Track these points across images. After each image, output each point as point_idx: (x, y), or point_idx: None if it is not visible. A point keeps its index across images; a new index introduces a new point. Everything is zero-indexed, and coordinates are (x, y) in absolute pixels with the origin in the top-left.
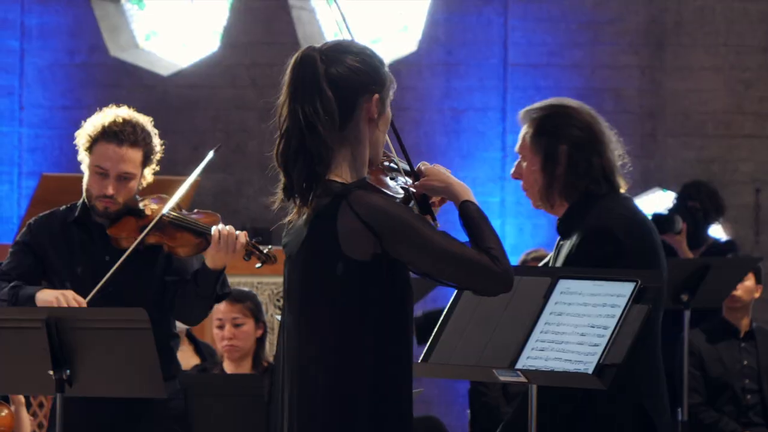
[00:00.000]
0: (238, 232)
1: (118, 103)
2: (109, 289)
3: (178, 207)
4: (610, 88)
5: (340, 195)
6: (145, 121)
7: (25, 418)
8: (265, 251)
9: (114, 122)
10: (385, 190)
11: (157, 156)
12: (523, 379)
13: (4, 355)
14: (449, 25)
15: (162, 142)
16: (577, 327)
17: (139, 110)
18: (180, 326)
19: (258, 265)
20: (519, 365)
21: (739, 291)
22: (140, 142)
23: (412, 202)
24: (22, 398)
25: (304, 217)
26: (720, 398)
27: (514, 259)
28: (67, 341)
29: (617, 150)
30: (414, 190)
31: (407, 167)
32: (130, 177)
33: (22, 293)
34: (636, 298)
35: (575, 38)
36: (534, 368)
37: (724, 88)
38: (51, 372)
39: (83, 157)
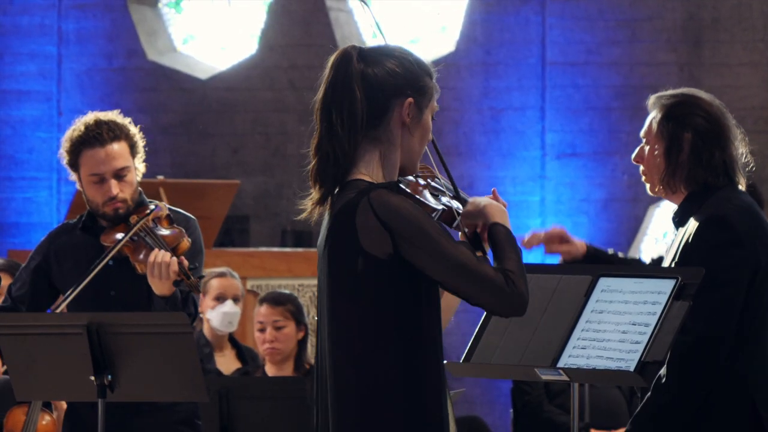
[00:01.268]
0: (172, 259)
1: (157, 107)
2: (111, 293)
3: (168, 221)
4: (649, 85)
5: (364, 192)
6: (115, 114)
7: None
8: (192, 279)
9: (87, 128)
10: (420, 198)
11: (141, 144)
12: (565, 377)
13: (46, 361)
14: (487, 24)
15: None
16: (619, 325)
17: (178, 114)
18: (223, 330)
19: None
20: (561, 364)
21: None
22: (121, 135)
23: (456, 222)
24: (64, 404)
25: (329, 213)
26: None
27: (555, 258)
28: (108, 346)
29: (741, 148)
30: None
31: (453, 191)
32: (126, 171)
33: None
34: (677, 295)
35: (613, 36)
36: (576, 366)
37: (763, 84)
38: (92, 378)
39: (73, 176)
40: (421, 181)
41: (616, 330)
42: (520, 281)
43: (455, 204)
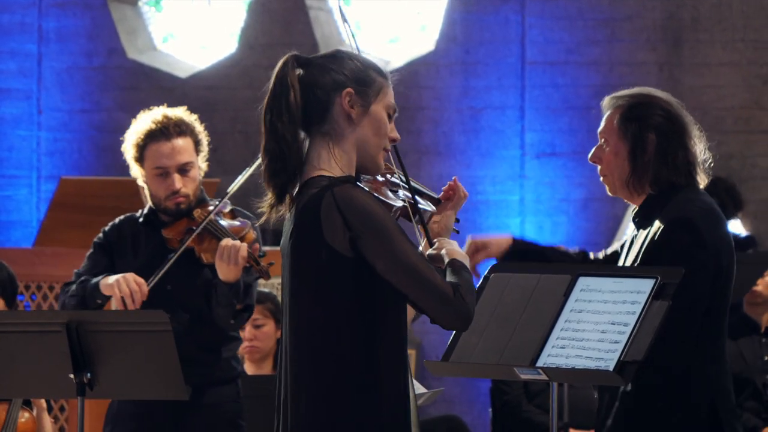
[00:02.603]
0: (242, 244)
1: (137, 106)
2: (167, 287)
3: (231, 214)
4: (628, 84)
5: (327, 186)
6: (182, 111)
7: (47, 422)
8: (262, 265)
9: (154, 122)
10: (381, 197)
11: (206, 142)
12: (544, 377)
13: (26, 359)
14: (467, 24)
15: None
16: (598, 324)
17: None
18: None
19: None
20: (540, 363)
21: (760, 286)
22: (186, 131)
23: (416, 218)
24: (43, 402)
25: (293, 211)
26: (741, 394)
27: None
28: (88, 344)
29: (700, 144)
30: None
31: (428, 195)
32: (190, 167)
33: (89, 285)
34: (656, 295)
35: (593, 35)
36: (555, 366)
37: (742, 84)
38: (72, 375)
39: (137, 170)
40: (380, 178)
41: (596, 329)
42: (468, 295)
43: (415, 198)
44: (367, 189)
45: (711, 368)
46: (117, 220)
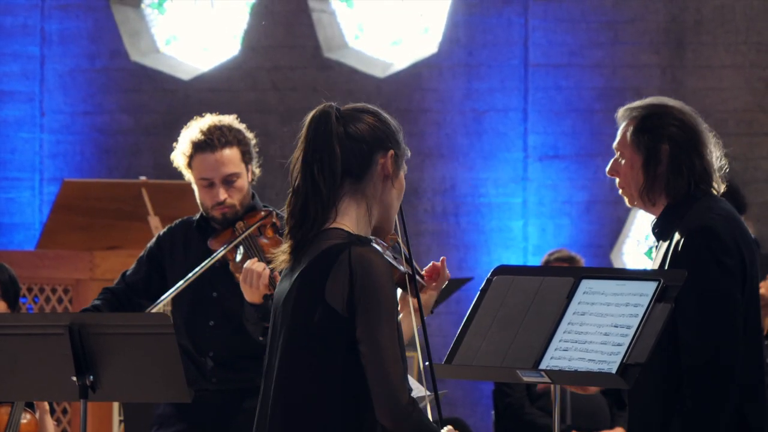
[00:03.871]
0: (264, 270)
1: (140, 108)
2: (213, 294)
3: (273, 229)
4: (631, 87)
5: (348, 243)
6: (231, 120)
7: (49, 424)
8: None
9: (200, 132)
10: (388, 259)
11: (255, 149)
12: (546, 379)
13: (28, 361)
14: (470, 26)
15: (253, 138)
16: (601, 327)
17: (161, 115)
18: None
19: None
20: (542, 366)
21: (763, 289)
22: (233, 141)
23: (411, 288)
24: (46, 405)
25: (305, 254)
26: None
27: (537, 260)
28: (90, 347)
29: (716, 151)
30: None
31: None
32: (236, 177)
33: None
34: (659, 297)
35: (596, 38)
36: (557, 368)
37: (745, 87)
38: (74, 378)
39: (189, 176)
40: (384, 243)
41: (598, 332)
42: (416, 414)
43: (414, 269)
44: (380, 249)
45: (743, 375)
46: (174, 223)
